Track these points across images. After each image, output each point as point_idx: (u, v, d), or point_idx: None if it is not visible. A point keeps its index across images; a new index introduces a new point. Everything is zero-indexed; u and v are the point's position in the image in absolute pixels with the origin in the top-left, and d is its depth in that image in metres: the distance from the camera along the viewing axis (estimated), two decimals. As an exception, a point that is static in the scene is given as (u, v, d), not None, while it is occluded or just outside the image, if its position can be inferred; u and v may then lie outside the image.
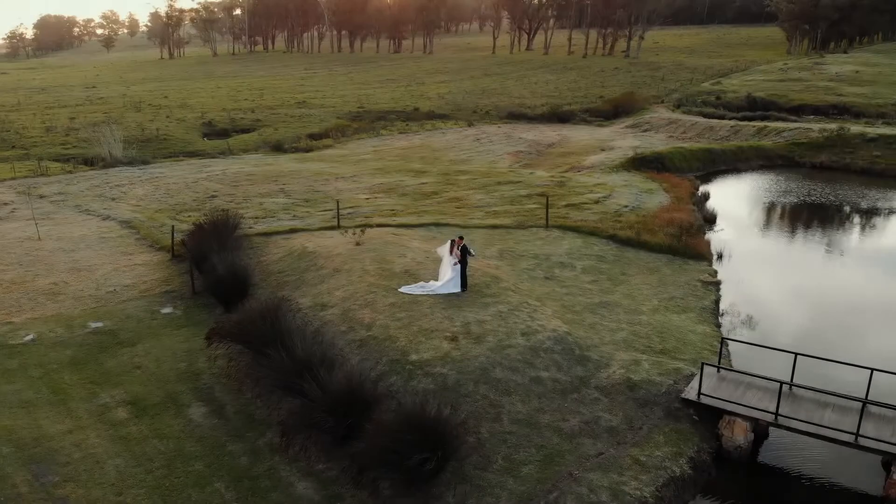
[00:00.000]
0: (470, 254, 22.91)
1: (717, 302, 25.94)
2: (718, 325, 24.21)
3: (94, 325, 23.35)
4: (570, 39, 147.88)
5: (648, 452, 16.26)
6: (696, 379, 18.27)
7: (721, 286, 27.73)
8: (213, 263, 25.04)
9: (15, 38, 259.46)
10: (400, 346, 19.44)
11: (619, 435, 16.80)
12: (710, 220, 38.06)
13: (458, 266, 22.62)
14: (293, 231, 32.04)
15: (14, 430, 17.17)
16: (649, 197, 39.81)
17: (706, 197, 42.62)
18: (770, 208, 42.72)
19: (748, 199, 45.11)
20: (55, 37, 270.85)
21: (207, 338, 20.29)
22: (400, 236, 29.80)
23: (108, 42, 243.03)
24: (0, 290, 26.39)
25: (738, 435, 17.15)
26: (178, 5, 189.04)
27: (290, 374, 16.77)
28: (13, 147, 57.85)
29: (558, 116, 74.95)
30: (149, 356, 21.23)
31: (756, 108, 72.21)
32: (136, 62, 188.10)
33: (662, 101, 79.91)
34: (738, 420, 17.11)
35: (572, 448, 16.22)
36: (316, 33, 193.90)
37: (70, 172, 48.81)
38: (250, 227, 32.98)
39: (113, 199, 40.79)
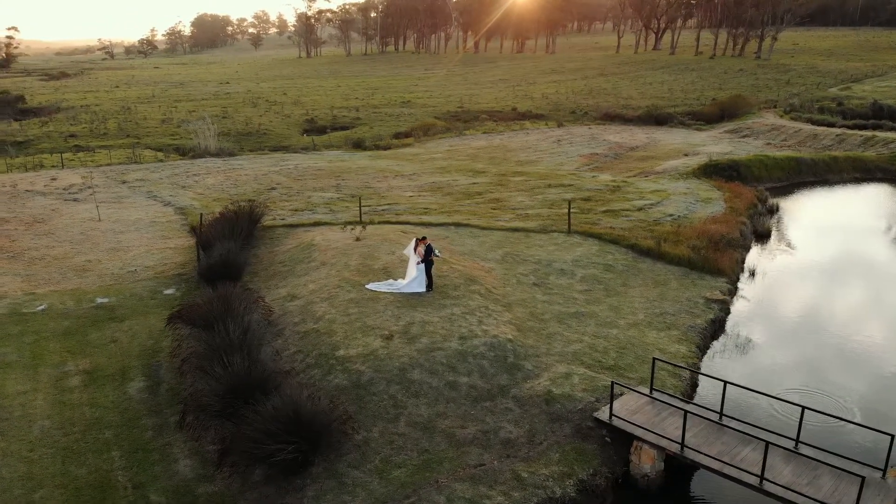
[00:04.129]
0: (434, 254, 22.84)
1: (713, 321, 24.11)
2: (702, 346, 22.56)
3: (100, 300, 25.55)
4: (697, 39, 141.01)
5: (534, 469, 15.57)
6: (619, 399, 17.27)
7: (731, 305, 25.89)
8: (213, 251, 26.66)
9: (174, 35, 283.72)
10: (334, 341, 19.81)
11: (512, 448, 16.21)
12: (764, 234, 35.23)
13: (423, 265, 22.63)
14: (316, 224, 33.22)
15: (-20, 387, 19.27)
16: (703, 206, 37.44)
17: (772, 210, 39.39)
18: (841, 227, 38.00)
19: (821, 215, 40.95)
20: (210, 34, 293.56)
21: (169, 319, 21.66)
22: (406, 234, 30.08)
23: (255, 41, 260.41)
24: (42, 263, 29.49)
25: (646, 463, 16.01)
26: (316, 6, 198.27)
27: (205, 358, 17.65)
28: (127, 136, 63.77)
29: (655, 118, 72.03)
30: (129, 332, 22.95)
31: (881, 116, 65.67)
32: (276, 60, 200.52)
33: (774, 106, 74.48)
34: (646, 447, 15.97)
35: (456, 456, 15.87)
36: (443, 34, 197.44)
37: (161, 161, 53.19)
38: (283, 219, 34.64)
39: (183, 188, 44.06)
